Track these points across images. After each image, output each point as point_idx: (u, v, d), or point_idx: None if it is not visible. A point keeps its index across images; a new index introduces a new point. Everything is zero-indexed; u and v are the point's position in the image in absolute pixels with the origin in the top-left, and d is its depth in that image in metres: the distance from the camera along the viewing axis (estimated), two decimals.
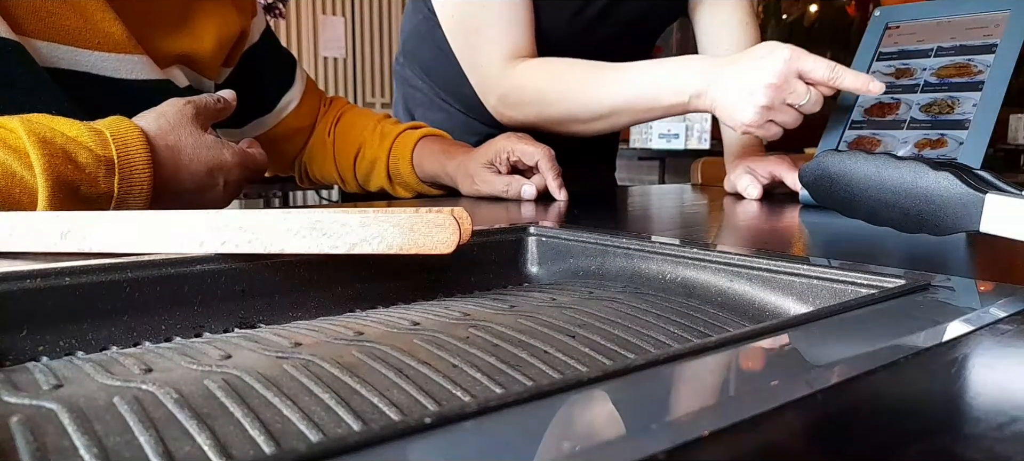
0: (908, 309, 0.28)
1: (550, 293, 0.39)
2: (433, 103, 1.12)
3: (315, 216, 0.37)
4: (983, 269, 0.42)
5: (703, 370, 0.22)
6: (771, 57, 0.69)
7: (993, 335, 0.25)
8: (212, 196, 0.57)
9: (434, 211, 0.38)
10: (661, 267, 0.41)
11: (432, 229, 0.36)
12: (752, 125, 0.71)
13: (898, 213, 0.35)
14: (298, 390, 0.24)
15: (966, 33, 0.68)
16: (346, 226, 0.36)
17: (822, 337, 0.25)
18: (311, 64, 4.57)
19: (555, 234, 0.49)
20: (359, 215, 0.36)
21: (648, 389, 0.20)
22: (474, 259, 0.47)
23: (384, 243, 0.36)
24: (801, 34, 5.57)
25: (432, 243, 0.36)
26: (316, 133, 0.94)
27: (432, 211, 0.38)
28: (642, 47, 1.13)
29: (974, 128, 0.63)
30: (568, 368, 0.27)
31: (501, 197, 0.79)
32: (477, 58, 0.90)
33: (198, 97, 0.59)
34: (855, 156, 0.36)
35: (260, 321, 0.38)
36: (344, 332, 0.30)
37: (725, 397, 0.20)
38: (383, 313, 0.35)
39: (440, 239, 0.36)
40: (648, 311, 0.34)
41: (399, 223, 0.36)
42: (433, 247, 0.36)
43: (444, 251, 0.36)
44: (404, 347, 0.28)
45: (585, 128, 0.84)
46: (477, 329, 0.30)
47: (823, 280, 0.34)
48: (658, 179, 3.84)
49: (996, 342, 0.25)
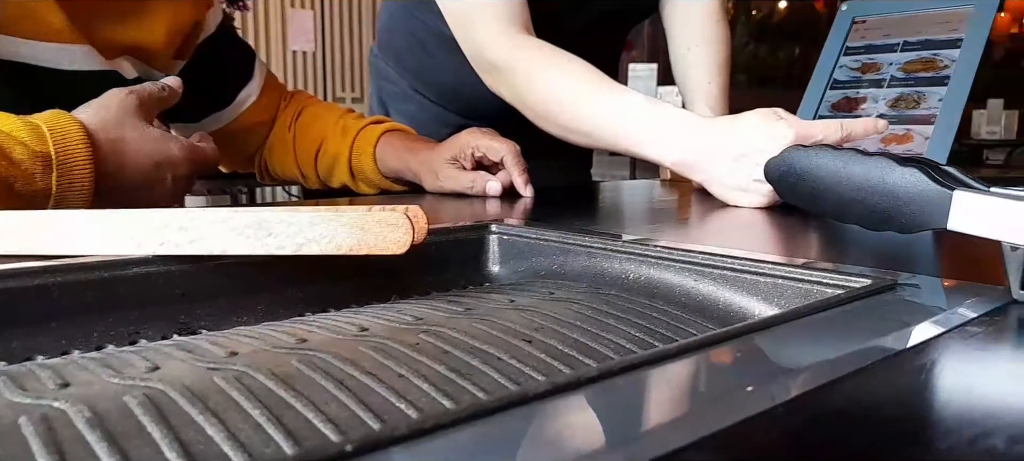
0: (875, 310, 0.27)
1: (509, 294, 0.38)
2: (406, 95, 1.09)
3: (260, 215, 0.35)
4: (949, 267, 0.42)
5: (662, 380, 0.20)
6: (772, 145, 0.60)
7: (962, 338, 0.24)
8: (159, 192, 0.55)
9: (388, 209, 0.37)
10: (624, 266, 0.40)
11: (384, 229, 0.34)
12: (758, 205, 0.66)
13: (864, 210, 0.34)
14: (226, 406, 0.22)
15: (932, 28, 0.68)
16: (293, 225, 0.34)
17: (786, 342, 0.23)
18: (279, 58, 4.50)
19: (517, 233, 0.47)
20: (307, 214, 0.35)
21: (603, 402, 0.19)
22: (433, 259, 0.46)
23: (333, 243, 0.34)
24: (771, 31, 5.63)
25: (384, 243, 0.34)
26: (276, 128, 0.91)
27: (386, 209, 0.37)
28: (615, 40, 1.12)
29: (940, 123, 0.63)
30: (522, 376, 0.26)
31: (466, 194, 0.77)
32: (471, 18, 0.84)
33: (141, 86, 0.56)
34: (821, 151, 0.35)
35: (202, 327, 0.36)
36: (286, 339, 0.28)
37: (684, 410, 0.19)
38: (332, 317, 0.33)
39: (392, 239, 0.34)
40: (609, 313, 0.33)
41: (349, 222, 0.34)
42: (385, 247, 0.34)
43: (396, 252, 0.34)
44: (348, 355, 0.26)
45: (560, 134, 0.81)
46: (428, 335, 0.29)
47: (789, 280, 0.33)
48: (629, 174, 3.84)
49: (965, 345, 0.24)
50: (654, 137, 0.71)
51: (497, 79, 0.82)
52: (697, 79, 0.94)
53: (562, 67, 0.77)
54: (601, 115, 0.74)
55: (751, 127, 0.65)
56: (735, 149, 0.65)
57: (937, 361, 0.22)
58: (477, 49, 0.82)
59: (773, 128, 0.63)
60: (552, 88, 0.77)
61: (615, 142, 0.74)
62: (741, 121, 0.66)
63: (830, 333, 0.24)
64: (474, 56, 0.84)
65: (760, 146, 0.63)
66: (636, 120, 0.72)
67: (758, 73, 5.53)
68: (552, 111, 0.77)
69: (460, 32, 0.85)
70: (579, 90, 0.75)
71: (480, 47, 0.82)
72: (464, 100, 1.02)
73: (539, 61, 0.78)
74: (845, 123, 0.62)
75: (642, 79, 3.02)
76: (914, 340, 0.23)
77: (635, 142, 0.72)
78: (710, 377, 0.21)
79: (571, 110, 0.76)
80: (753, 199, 0.66)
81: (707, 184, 0.69)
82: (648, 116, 0.71)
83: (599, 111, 0.74)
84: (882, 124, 0.63)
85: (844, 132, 0.62)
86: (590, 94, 0.75)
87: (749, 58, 5.50)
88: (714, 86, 0.94)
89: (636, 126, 0.72)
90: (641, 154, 0.73)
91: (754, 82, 5.42)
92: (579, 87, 0.76)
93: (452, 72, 0.97)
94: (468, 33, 0.84)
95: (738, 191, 0.66)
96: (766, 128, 0.63)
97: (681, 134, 0.69)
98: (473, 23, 0.82)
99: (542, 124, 0.80)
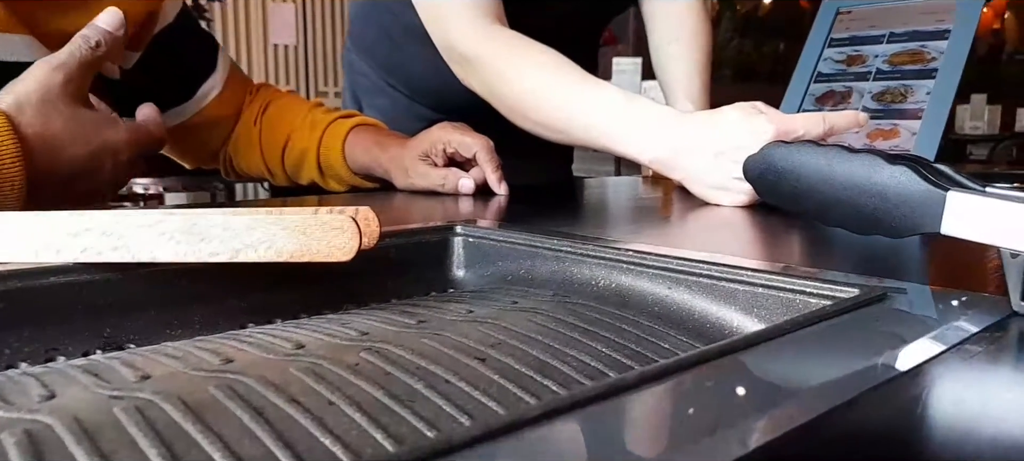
0: (865, 325, 0.24)
1: (469, 303, 0.35)
2: (378, 89, 1.06)
3: (193, 218, 0.31)
4: (938, 273, 0.39)
5: (626, 414, 0.18)
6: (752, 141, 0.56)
7: (962, 358, 0.22)
8: (99, 181, 0.51)
9: (336, 211, 0.34)
10: (594, 272, 0.37)
11: (328, 233, 0.31)
12: (741, 204, 0.64)
13: (850, 212, 0.31)
14: (120, 444, 0.19)
15: (919, 18, 0.66)
16: (228, 230, 0.31)
17: (770, 364, 0.21)
18: (260, 52, 4.44)
19: (482, 234, 0.44)
20: (245, 217, 0.31)
21: (551, 443, 0.16)
22: (392, 263, 0.43)
23: (272, 249, 0.31)
24: (756, 26, 5.63)
25: (328, 249, 0.31)
26: (241, 122, 0.87)
27: (334, 211, 0.34)
28: (593, 33, 1.09)
29: (928, 118, 0.61)
30: (470, 402, 0.23)
31: (438, 191, 0.74)
32: (441, 8, 0.80)
33: (67, 54, 0.49)
34: (803, 148, 0.33)
35: (130, 341, 0.33)
36: (209, 360, 0.25)
37: (650, 454, 0.16)
38: (270, 332, 0.30)
39: (337, 244, 0.31)
40: (575, 326, 0.30)
41: (290, 226, 0.31)
42: (329, 253, 0.31)
43: (342, 258, 0.31)
44: (274, 379, 0.23)
45: (533, 130, 0.78)
46: (370, 353, 0.26)
47: (770, 289, 0.30)
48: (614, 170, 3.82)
49: (966, 366, 0.21)
50: (629, 134, 0.68)
51: (468, 72, 0.79)
52: (678, 74, 0.92)
53: (535, 60, 0.73)
54: (574, 110, 0.71)
55: (730, 122, 0.62)
56: (714, 146, 0.63)
57: (936, 386, 0.20)
58: (447, 41, 0.79)
59: (753, 123, 0.60)
60: (524, 82, 0.74)
61: (589, 139, 0.71)
62: (720, 116, 0.64)
63: (818, 352, 0.22)
64: (444, 48, 0.81)
65: (739, 142, 0.61)
66: (611, 116, 0.69)
67: (742, 68, 5.53)
68: (524, 106, 0.74)
69: (430, 23, 0.82)
70: (552, 84, 0.72)
71: (450, 38, 0.79)
72: (437, 94, 0.99)
73: (511, 53, 0.75)
74: (827, 116, 0.60)
75: (627, 73, 3.00)
76: (910, 361, 0.20)
77: (610, 139, 0.69)
78: (683, 410, 0.18)
79: (543, 105, 0.73)
80: (733, 198, 0.63)
81: (686, 182, 0.67)
82: (623, 112, 0.68)
83: (572, 106, 0.71)
84: (863, 117, 0.61)
85: (826, 125, 0.60)
86: (563, 88, 0.72)
87: (734, 53, 5.50)
88: (696, 81, 0.91)
89: (610, 122, 0.69)
90: (616, 151, 0.70)
91: (738, 77, 5.43)
92: (552, 81, 0.72)
93: (423, 65, 0.94)
94: (438, 24, 0.80)
95: (717, 189, 0.64)
96: (746, 123, 0.61)
97: (657, 130, 0.67)
98: (443, 13, 0.79)
99: (514, 119, 0.77)
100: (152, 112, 0.56)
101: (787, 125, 0.59)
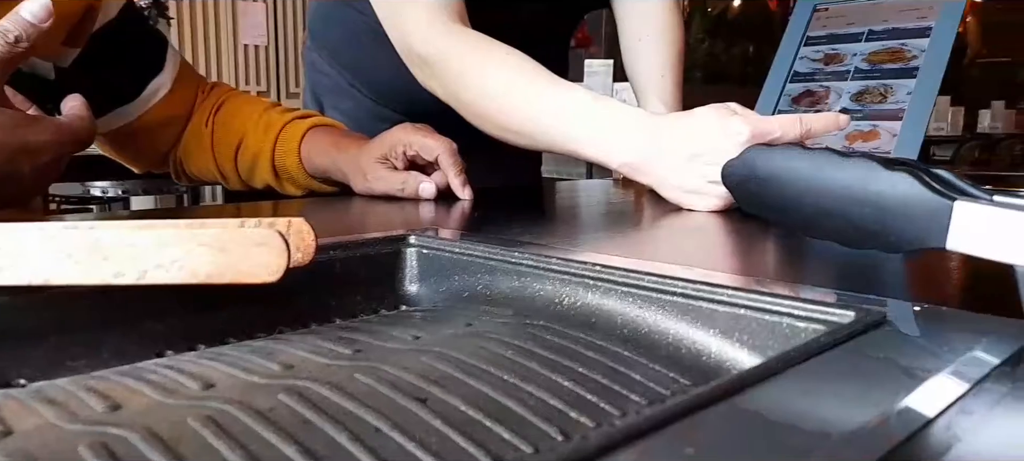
0: (870, 358, 0.21)
1: (417, 327, 0.31)
2: (341, 90, 1.02)
3: (94, 234, 0.27)
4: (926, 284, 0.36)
5: None
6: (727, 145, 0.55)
7: (990, 400, 0.18)
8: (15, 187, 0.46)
9: (265, 223, 0.30)
10: (558, 289, 0.34)
11: (251, 249, 0.27)
12: (715, 209, 0.61)
13: (843, 224, 0.28)
14: None
15: (899, 15, 0.63)
16: (134, 248, 0.27)
17: (765, 417, 0.17)
18: (230, 52, 4.36)
19: (438, 246, 0.40)
20: (154, 232, 0.27)
21: None
22: (337, 278, 0.39)
23: (186, 270, 0.27)
24: (726, 27, 5.65)
25: (252, 268, 0.27)
26: (192, 123, 0.83)
27: (261, 223, 0.30)
28: (561, 33, 1.06)
29: (909, 118, 0.58)
30: (403, 457, 0.19)
31: (399, 196, 0.70)
32: (399, 7, 0.76)
33: None
34: (790, 152, 0.29)
35: (23, 376, 0.28)
36: (93, 406, 0.21)
37: None
38: (179, 365, 0.26)
39: (262, 263, 0.27)
40: (534, 354, 0.27)
41: (208, 242, 0.27)
42: (253, 273, 0.27)
43: (268, 278, 0.27)
44: (166, 433, 0.19)
45: (498, 135, 0.74)
46: (290, 394, 0.22)
47: (753, 310, 0.27)
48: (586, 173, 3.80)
49: (996, 409, 0.18)
50: (598, 137, 0.65)
51: (428, 75, 0.75)
52: (649, 72, 0.89)
53: (499, 61, 0.69)
54: (540, 113, 0.67)
55: (703, 124, 0.59)
56: (687, 148, 0.60)
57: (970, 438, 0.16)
58: (406, 42, 0.75)
59: (727, 124, 0.57)
60: (487, 84, 0.70)
61: (556, 144, 0.68)
62: (692, 118, 0.61)
63: (822, 396, 0.18)
64: (403, 50, 0.77)
65: (714, 145, 0.58)
66: (578, 119, 0.65)
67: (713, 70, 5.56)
68: (487, 110, 0.70)
69: (388, 23, 0.77)
70: (516, 86, 0.68)
71: (409, 39, 0.75)
72: (404, 97, 0.95)
73: (473, 55, 0.71)
74: (804, 118, 0.57)
75: (598, 75, 2.98)
76: (934, 405, 0.17)
77: (577, 143, 0.66)
78: None
79: (507, 108, 0.69)
80: (708, 202, 0.60)
81: (658, 187, 0.63)
82: (591, 114, 0.65)
83: (538, 109, 0.67)
84: (844, 119, 0.58)
85: (804, 128, 0.57)
86: (528, 90, 0.68)
87: (704, 55, 5.53)
88: (667, 80, 0.88)
89: (578, 125, 0.65)
90: (584, 156, 0.67)
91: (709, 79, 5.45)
92: (516, 83, 0.68)
93: (391, 68, 0.89)
94: (396, 24, 0.76)
95: (691, 194, 0.61)
96: (720, 124, 0.58)
97: (628, 134, 0.63)
98: (401, 13, 0.75)
99: (478, 124, 0.73)
100: (78, 106, 0.51)
101: (763, 127, 0.56)
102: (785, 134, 0.56)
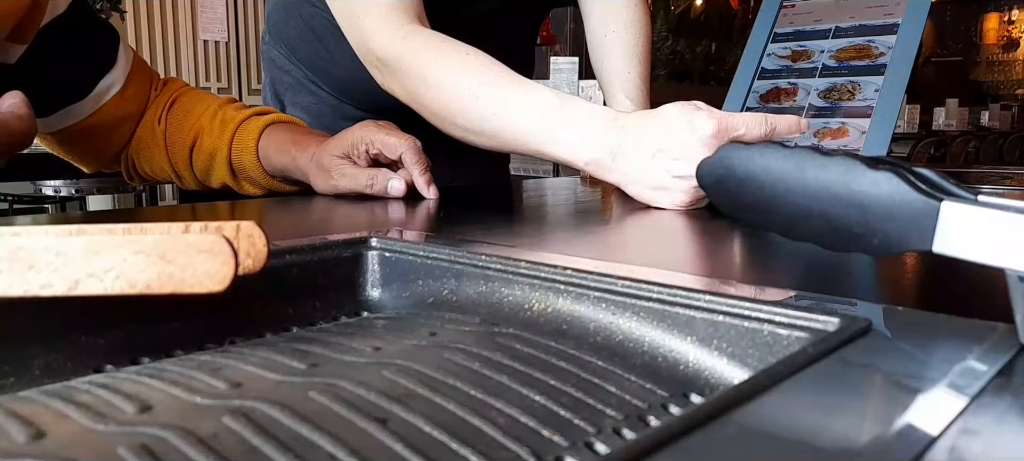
0: (859, 369, 0.20)
1: (377, 337, 0.29)
2: (301, 86, 0.99)
3: (17, 241, 0.25)
4: (894, 288, 0.35)
5: None
6: (692, 139, 0.56)
7: (994, 415, 0.17)
8: None
9: (212, 227, 0.28)
10: (528, 295, 0.32)
11: (194, 257, 0.25)
12: (682, 207, 0.60)
13: (824, 226, 0.27)
14: None
15: (865, 12, 0.63)
16: (62, 256, 0.25)
17: (756, 440, 0.16)
18: (189, 48, 4.26)
19: (401, 249, 0.38)
20: (86, 239, 0.25)
21: None
22: (294, 284, 0.37)
23: (122, 280, 0.25)
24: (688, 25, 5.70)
25: (195, 277, 0.25)
26: (145, 121, 0.79)
27: (207, 227, 0.28)
28: (526, 30, 1.04)
29: (878, 116, 0.58)
30: None
31: (363, 194, 0.68)
32: (355, 7, 0.74)
33: None
34: (769, 150, 0.28)
35: None
36: (13, 435, 0.19)
37: None
38: (112, 384, 0.24)
39: (207, 271, 0.25)
40: (503, 366, 0.25)
41: (145, 249, 0.25)
42: (197, 282, 0.25)
43: (213, 288, 0.25)
44: None
45: (461, 136, 0.72)
46: (236, 417, 0.20)
47: (731, 317, 0.26)
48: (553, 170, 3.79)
49: (1001, 425, 0.17)
50: (562, 136, 0.63)
51: (387, 76, 0.73)
52: (616, 66, 0.87)
53: (459, 61, 0.67)
54: (502, 113, 0.66)
55: (667, 119, 0.58)
56: (651, 144, 0.58)
57: None
58: (363, 43, 0.73)
59: (692, 119, 0.57)
60: (448, 85, 0.68)
61: (520, 144, 0.66)
62: (657, 114, 0.60)
63: (814, 414, 0.17)
64: (361, 51, 0.74)
65: (677, 139, 0.57)
66: (542, 118, 0.64)
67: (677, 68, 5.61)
68: (449, 110, 0.68)
69: (345, 25, 0.75)
70: (478, 86, 0.66)
71: (367, 40, 0.72)
72: (365, 94, 0.92)
73: (432, 55, 0.69)
74: (770, 118, 0.57)
75: (564, 72, 2.98)
76: (936, 422, 0.16)
77: (541, 143, 0.64)
78: None
79: (470, 109, 0.67)
80: (675, 198, 0.59)
81: (623, 185, 0.62)
82: (556, 113, 0.63)
83: (501, 109, 0.66)
84: (805, 124, 0.58)
85: (768, 127, 0.56)
86: (490, 90, 0.66)
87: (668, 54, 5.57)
88: (634, 74, 0.87)
89: (542, 125, 0.64)
90: (549, 156, 0.65)
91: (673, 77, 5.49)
92: (478, 82, 0.66)
93: (351, 65, 0.87)
94: (352, 23, 0.74)
95: (657, 190, 0.60)
96: (684, 119, 0.57)
97: (592, 132, 0.62)
98: (357, 12, 0.72)
99: (440, 126, 0.71)
100: (17, 103, 0.48)
101: (729, 121, 0.56)
102: (750, 132, 0.56)
